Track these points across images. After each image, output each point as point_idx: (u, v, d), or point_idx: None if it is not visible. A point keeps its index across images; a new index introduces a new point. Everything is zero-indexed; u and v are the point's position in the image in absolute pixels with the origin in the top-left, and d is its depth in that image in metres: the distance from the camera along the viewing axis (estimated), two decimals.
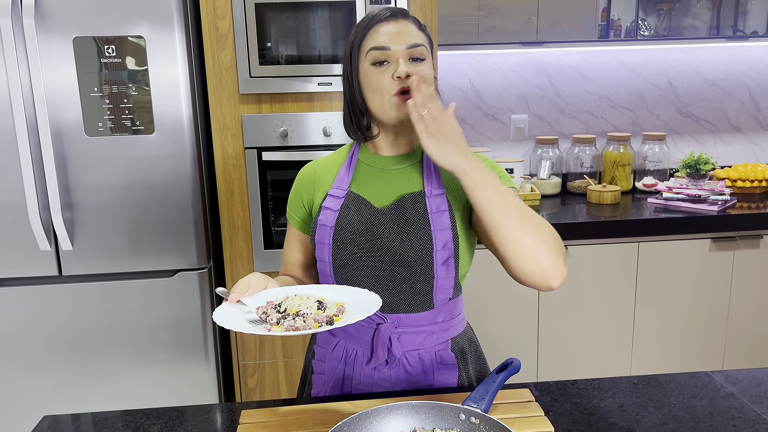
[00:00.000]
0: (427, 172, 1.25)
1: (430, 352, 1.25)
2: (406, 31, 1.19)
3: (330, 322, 1.06)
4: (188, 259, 2.17)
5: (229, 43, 2.11)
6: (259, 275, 1.17)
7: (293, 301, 1.11)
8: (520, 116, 2.92)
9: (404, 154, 1.28)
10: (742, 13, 2.72)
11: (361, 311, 1.07)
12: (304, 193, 1.34)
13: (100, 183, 2.08)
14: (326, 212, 1.26)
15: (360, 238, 1.22)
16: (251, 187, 2.23)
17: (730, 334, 2.54)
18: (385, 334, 1.22)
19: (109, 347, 2.20)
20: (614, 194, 2.65)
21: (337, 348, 1.29)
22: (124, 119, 2.05)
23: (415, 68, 1.18)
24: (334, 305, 1.12)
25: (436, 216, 1.20)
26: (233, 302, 1.12)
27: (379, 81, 1.18)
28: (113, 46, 2.00)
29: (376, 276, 1.22)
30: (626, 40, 2.68)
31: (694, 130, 3.02)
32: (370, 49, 1.18)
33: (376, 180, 1.27)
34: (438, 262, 1.19)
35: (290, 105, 2.20)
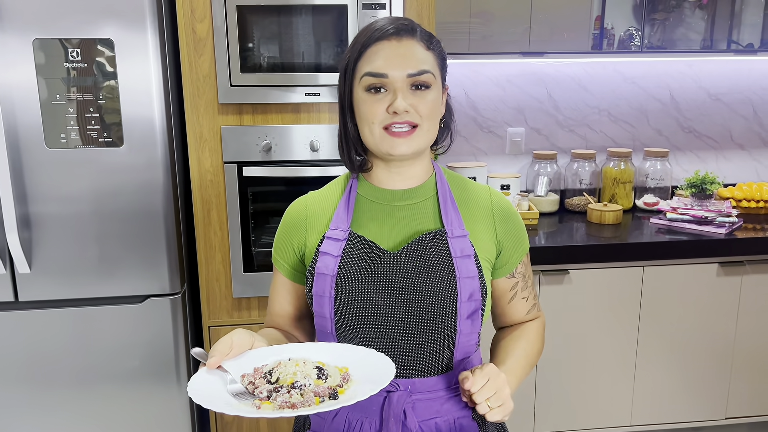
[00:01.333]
0: (444, 209, 1.08)
1: (448, 421, 1.06)
2: (410, 53, 1.01)
3: (334, 396, 0.88)
4: (160, 284, 1.98)
5: (207, 49, 1.93)
6: (243, 333, 0.98)
7: (287, 368, 0.93)
8: (516, 129, 2.78)
9: (413, 188, 1.10)
10: (738, 26, 2.61)
11: (370, 381, 0.89)
12: (295, 235, 1.14)
13: (62, 200, 1.88)
14: (325, 258, 1.07)
15: (367, 288, 1.03)
16: (230, 205, 2.04)
17: (737, 363, 2.41)
18: (398, 405, 1.03)
19: (72, 377, 2.00)
20: (616, 214, 2.51)
21: (338, 418, 1.09)
22: (90, 130, 1.86)
23: (418, 99, 1.01)
24: (337, 372, 0.93)
25: (461, 261, 1.03)
26: (213, 368, 0.94)
27: (371, 111, 1.02)
28: (79, 49, 1.81)
29: (388, 333, 1.04)
30: (620, 51, 2.55)
31: (695, 146, 2.90)
32: (365, 74, 1.01)
33: (382, 218, 1.09)
34: (462, 315, 1.02)
35: (274, 116, 2.02)
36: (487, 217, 1.10)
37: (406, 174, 1.09)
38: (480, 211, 1.11)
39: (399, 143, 1.02)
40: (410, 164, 1.08)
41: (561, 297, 2.26)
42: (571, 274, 2.25)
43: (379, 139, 1.03)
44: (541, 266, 2.22)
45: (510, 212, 1.13)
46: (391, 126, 1.01)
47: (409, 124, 1.01)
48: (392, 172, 1.10)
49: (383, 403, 1.05)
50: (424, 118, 1.02)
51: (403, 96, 1.00)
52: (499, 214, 1.11)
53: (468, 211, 1.10)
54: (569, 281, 2.25)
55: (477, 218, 1.10)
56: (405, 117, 1.01)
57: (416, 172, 1.10)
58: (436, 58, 1.05)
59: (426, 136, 1.04)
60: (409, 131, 1.02)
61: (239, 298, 2.11)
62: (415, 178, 1.10)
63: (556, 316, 2.27)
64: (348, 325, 1.05)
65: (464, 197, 1.12)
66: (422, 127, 1.03)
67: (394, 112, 1.00)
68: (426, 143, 1.05)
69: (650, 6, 2.55)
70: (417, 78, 1.01)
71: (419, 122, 1.02)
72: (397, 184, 1.10)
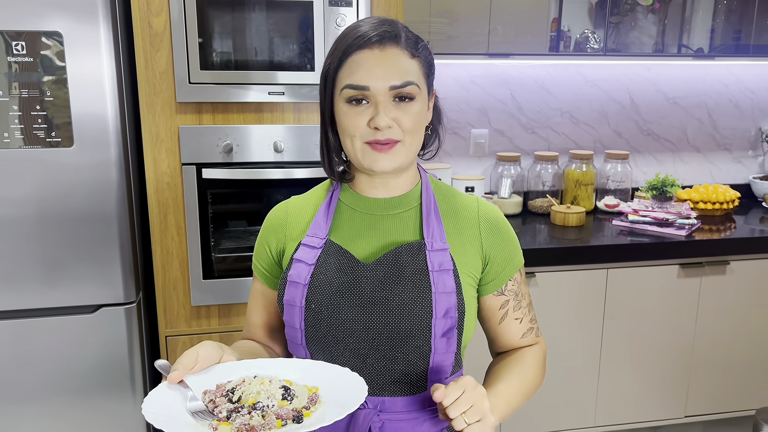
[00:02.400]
0: (427, 220, 1.03)
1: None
2: (393, 63, 0.96)
3: (298, 419, 0.83)
4: (113, 292, 1.87)
5: (165, 44, 1.83)
6: (210, 345, 0.91)
7: (251, 386, 0.87)
8: (480, 131, 2.76)
9: (397, 198, 1.05)
10: (688, 30, 2.66)
11: (338, 405, 0.84)
12: (273, 240, 1.09)
13: (5, 204, 1.75)
14: (298, 266, 1.01)
15: (340, 299, 0.98)
16: (189, 209, 1.95)
17: (696, 361, 2.46)
18: (363, 423, 0.98)
19: (19, 393, 1.86)
20: (579, 216, 2.52)
21: None
22: (36, 129, 1.73)
23: (402, 112, 0.97)
24: (305, 392, 0.88)
25: (438, 275, 0.98)
26: (173, 383, 0.87)
27: (352, 124, 0.97)
28: (23, 43, 1.68)
29: (359, 348, 0.98)
30: (576, 54, 2.57)
31: (654, 148, 2.95)
32: (346, 87, 0.96)
33: (362, 228, 1.04)
34: (437, 333, 0.97)
35: (235, 116, 1.93)
36: (473, 229, 1.06)
37: (390, 184, 1.05)
38: (466, 222, 1.06)
39: (380, 158, 0.98)
40: (395, 175, 1.04)
41: None
42: (538, 277, 2.24)
43: (360, 153, 0.99)
44: None
45: (499, 224, 1.08)
46: (373, 142, 0.97)
47: (391, 141, 0.97)
48: (375, 182, 1.05)
49: (349, 421, 1.00)
50: (407, 133, 0.98)
51: (386, 109, 0.96)
52: (486, 225, 1.07)
53: (453, 223, 1.06)
54: (535, 284, 2.24)
55: (462, 230, 1.05)
56: (387, 134, 0.96)
57: (400, 182, 1.06)
58: (422, 65, 1.00)
59: (409, 151, 1.00)
60: (389, 147, 0.98)
61: (198, 307, 2.02)
62: (398, 187, 1.06)
63: None
64: (318, 336, 0.99)
65: (450, 208, 1.07)
66: (404, 142, 0.98)
67: (376, 128, 0.96)
68: (410, 158, 1.01)
69: (605, 9, 2.57)
70: (400, 90, 0.96)
71: (402, 138, 0.98)
72: (380, 193, 1.06)
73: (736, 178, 3.06)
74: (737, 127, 3.00)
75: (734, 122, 2.99)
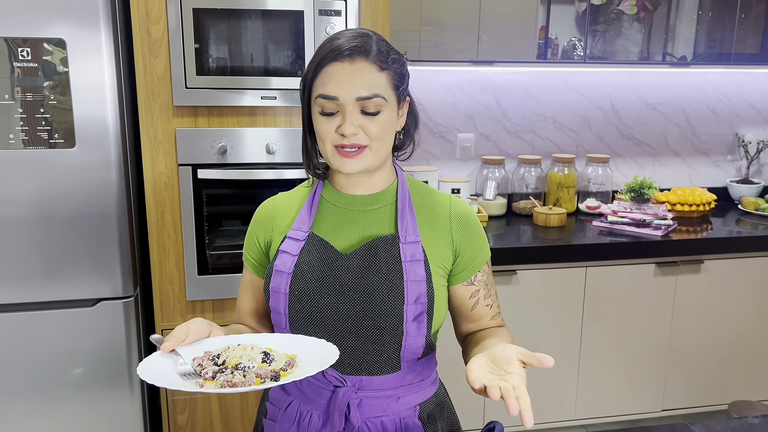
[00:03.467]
0: (401, 215, 1.12)
1: (393, 420, 1.11)
2: (361, 77, 1.03)
3: (275, 378, 0.93)
4: (112, 287, 1.96)
5: (162, 50, 1.92)
6: (201, 321, 1.02)
7: (234, 351, 0.98)
8: (466, 135, 2.86)
9: (374, 194, 1.15)
10: (672, 39, 2.77)
11: (314, 365, 0.94)
12: (261, 233, 1.19)
13: (9, 202, 1.84)
14: (283, 257, 1.11)
15: (321, 286, 1.08)
16: (184, 207, 2.04)
17: (673, 357, 2.56)
18: (342, 399, 1.08)
19: (20, 386, 1.95)
20: (560, 217, 2.62)
21: (290, 408, 1.14)
22: (39, 131, 1.82)
23: (368, 121, 1.05)
24: (284, 357, 0.99)
25: (410, 265, 1.08)
26: (166, 352, 0.98)
27: (324, 129, 1.07)
28: (28, 49, 1.77)
29: (338, 331, 1.08)
30: (563, 61, 2.67)
31: (635, 152, 3.05)
32: (318, 96, 1.06)
33: (342, 222, 1.14)
34: (408, 318, 1.06)
35: (230, 119, 2.03)
36: (445, 224, 1.14)
37: (366, 183, 1.14)
38: (438, 218, 1.15)
39: (347, 162, 1.06)
40: (368, 175, 1.13)
41: (509, 296, 2.35)
42: (519, 275, 2.34)
43: (330, 156, 1.08)
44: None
45: (468, 219, 1.16)
46: (341, 147, 1.06)
47: (357, 146, 1.05)
48: (352, 180, 1.14)
49: (330, 398, 1.10)
50: (373, 139, 1.06)
51: (353, 118, 1.04)
52: (456, 221, 1.15)
53: (426, 218, 1.14)
54: (516, 281, 2.34)
55: (434, 225, 1.14)
56: (353, 140, 1.04)
57: (376, 181, 1.14)
58: (392, 77, 1.07)
59: (376, 155, 1.08)
60: (357, 152, 1.06)
61: (193, 301, 2.11)
62: (375, 185, 1.15)
63: (504, 313, 2.35)
64: (300, 321, 1.09)
65: (424, 204, 1.16)
66: (371, 148, 1.06)
67: (343, 135, 1.04)
68: (378, 160, 1.09)
69: (592, 18, 2.68)
70: (366, 102, 1.04)
71: (368, 143, 1.06)
72: (358, 191, 1.15)
73: (714, 181, 3.17)
74: (715, 132, 3.11)
75: (712, 128, 3.10)
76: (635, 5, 2.69)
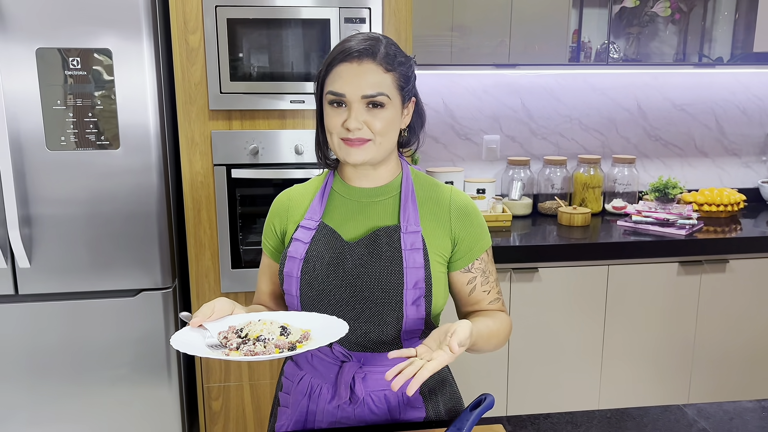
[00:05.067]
0: (404, 207, 1.22)
1: (396, 393, 1.21)
2: (367, 76, 1.13)
3: (292, 348, 1.05)
4: (152, 278, 2.10)
5: (199, 58, 2.07)
6: (225, 300, 1.14)
7: (255, 326, 1.10)
8: (492, 137, 2.93)
9: (380, 187, 1.25)
10: (708, 40, 2.78)
11: (325, 338, 1.06)
12: (277, 222, 1.31)
13: (61, 198, 2.00)
14: (296, 244, 1.23)
15: (329, 272, 1.19)
16: (219, 205, 2.17)
17: (697, 357, 2.57)
18: (348, 373, 1.19)
19: (67, 368, 2.11)
20: (584, 216, 2.66)
21: (302, 382, 1.26)
22: (88, 133, 1.98)
23: (372, 117, 1.14)
24: (299, 331, 1.10)
25: (410, 253, 1.17)
26: (195, 327, 1.10)
27: (332, 123, 1.16)
28: (78, 58, 1.94)
29: (344, 313, 1.19)
30: (596, 64, 2.71)
31: (662, 153, 3.07)
32: (328, 92, 1.16)
33: (350, 213, 1.24)
34: (407, 301, 1.17)
35: (261, 122, 2.16)
36: (445, 215, 1.23)
37: (372, 176, 1.24)
38: (439, 209, 1.24)
39: (353, 152, 1.16)
40: (374, 168, 1.22)
41: (530, 294, 2.40)
42: (540, 272, 2.39)
43: (337, 147, 1.18)
44: (511, 264, 2.36)
45: (467, 210, 1.25)
46: (345, 139, 1.16)
47: (361, 140, 1.15)
48: (359, 173, 1.24)
49: (338, 372, 1.21)
50: (377, 134, 1.15)
51: (358, 114, 1.13)
52: (455, 211, 1.24)
53: (428, 210, 1.23)
54: (538, 279, 2.40)
55: (435, 216, 1.23)
56: (357, 134, 1.14)
57: (381, 174, 1.24)
58: (396, 79, 1.16)
59: (380, 148, 1.17)
60: (360, 144, 1.15)
61: (227, 293, 2.24)
62: (380, 178, 1.24)
63: (526, 310, 2.41)
64: (310, 303, 1.20)
65: (427, 197, 1.25)
66: (374, 141, 1.16)
67: (348, 129, 1.14)
68: (381, 153, 1.18)
69: (625, 20, 2.72)
70: (371, 99, 1.13)
71: (371, 137, 1.15)
72: (364, 183, 1.24)
73: (745, 182, 3.15)
74: (746, 133, 3.10)
75: (743, 128, 3.09)
76: (669, 7, 2.71)
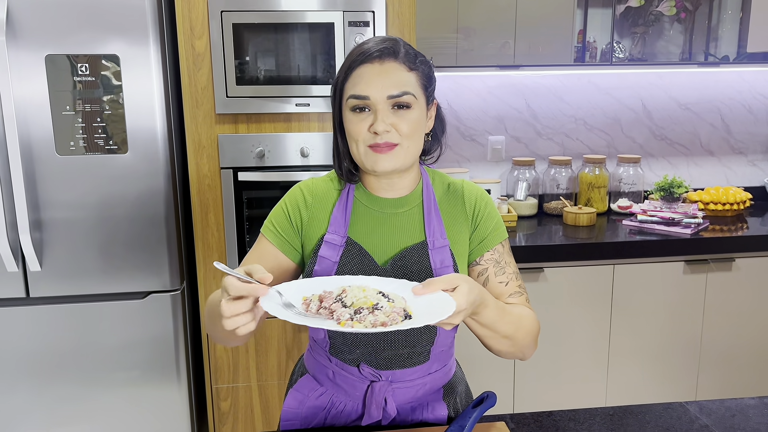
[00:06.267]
0: (428, 218, 1.18)
1: (423, 404, 1.20)
2: (391, 76, 1.08)
3: (408, 316, 0.93)
4: (161, 281, 2.13)
5: (205, 63, 2.09)
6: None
7: (353, 292, 0.97)
8: (497, 137, 2.94)
9: (403, 198, 1.20)
10: (714, 39, 2.78)
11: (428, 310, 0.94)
12: (297, 213, 1.20)
13: (71, 202, 2.04)
14: (324, 262, 1.15)
15: None
16: (226, 207, 2.20)
17: (704, 355, 2.56)
18: (380, 394, 1.16)
19: (78, 370, 2.14)
20: (590, 216, 2.67)
21: (322, 398, 1.21)
22: (97, 138, 2.01)
23: (399, 119, 1.09)
24: (397, 297, 0.98)
25: (440, 271, 1.15)
26: (264, 293, 0.92)
27: (356, 129, 1.11)
28: (87, 64, 1.97)
29: (376, 335, 1.15)
30: (602, 64, 2.72)
31: (668, 152, 3.07)
32: (350, 97, 1.10)
33: (376, 226, 1.19)
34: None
35: (267, 125, 2.18)
36: (461, 213, 1.20)
37: (396, 185, 1.18)
38: (456, 209, 1.20)
39: (381, 159, 1.10)
40: (399, 176, 1.17)
41: (536, 294, 2.41)
42: (546, 272, 2.40)
43: (363, 155, 1.11)
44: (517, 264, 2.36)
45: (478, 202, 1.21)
46: (374, 146, 1.10)
47: (389, 144, 1.09)
48: (382, 183, 1.18)
49: (366, 391, 1.17)
50: (404, 137, 1.10)
51: (384, 116, 1.08)
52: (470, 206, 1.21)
53: (448, 212, 1.20)
54: (544, 278, 2.40)
55: (455, 217, 1.19)
56: (385, 137, 1.08)
57: (405, 183, 1.19)
58: (420, 78, 1.11)
59: (407, 153, 1.11)
60: (389, 149, 1.09)
61: None
62: (404, 188, 1.19)
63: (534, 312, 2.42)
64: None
65: (444, 198, 1.21)
66: (402, 145, 1.10)
67: (375, 132, 1.08)
68: (409, 159, 1.13)
69: (630, 20, 2.72)
70: (397, 99, 1.08)
71: (399, 141, 1.10)
72: (389, 194, 1.19)
73: (751, 180, 3.15)
74: (752, 131, 3.09)
75: (749, 127, 3.08)
76: (674, 6, 2.72)
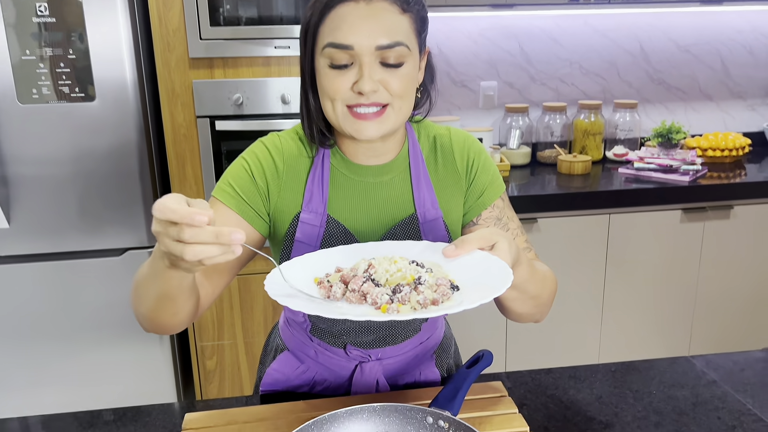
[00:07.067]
0: (417, 186, 0.99)
1: (414, 374, 1.12)
2: (381, 19, 0.85)
3: (455, 287, 0.78)
4: (138, 237, 2.03)
5: (176, 2, 1.94)
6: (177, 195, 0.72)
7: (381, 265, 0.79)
8: (489, 83, 2.81)
9: (388, 164, 1.00)
10: None
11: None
12: (264, 180, 0.99)
13: (38, 155, 1.91)
14: (302, 248, 0.97)
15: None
16: (204, 159, 2.08)
17: (699, 306, 2.52)
18: (370, 374, 1.06)
19: (55, 331, 2.06)
20: (585, 164, 2.58)
21: (305, 375, 1.11)
22: (61, 85, 1.87)
23: (389, 75, 0.87)
24: (438, 266, 0.83)
25: None
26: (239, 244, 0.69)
27: (332, 86, 0.88)
28: (45, 4, 1.81)
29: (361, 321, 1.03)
30: (597, 3, 2.57)
31: (665, 97, 2.96)
32: (327, 45, 0.86)
33: (358, 200, 0.99)
34: None
35: (245, 70, 2.04)
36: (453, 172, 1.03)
37: (379, 150, 0.98)
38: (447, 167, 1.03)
39: (365, 127, 0.89)
40: (383, 141, 0.97)
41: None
42: (539, 223, 2.32)
43: (342, 119, 0.90)
44: None
45: (470, 155, 1.04)
46: (356, 106, 0.88)
47: (378, 105, 0.89)
48: (364, 148, 0.98)
49: (354, 369, 1.07)
50: (396, 97, 0.89)
51: (371, 71, 0.86)
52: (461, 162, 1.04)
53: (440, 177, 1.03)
54: (537, 229, 2.33)
55: (448, 182, 1.03)
56: (372, 98, 0.87)
57: (390, 147, 0.99)
58: (414, 21, 0.90)
59: (398, 116, 0.91)
60: (377, 112, 0.89)
61: None
62: (388, 153, 0.99)
63: None
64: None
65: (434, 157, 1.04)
66: (393, 106, 0.90)
67: (360, 92, 0.87)
68: (399, 122, 0.93)
69: None
70: (388, 51, 0.86)
71: (390, 101, 0.89)
72: (371, 160, 0.99)
73: (750, 126, 3.05)
74: (752, 74, 2.98)
75: (749, 70, 2.97)
76: None
